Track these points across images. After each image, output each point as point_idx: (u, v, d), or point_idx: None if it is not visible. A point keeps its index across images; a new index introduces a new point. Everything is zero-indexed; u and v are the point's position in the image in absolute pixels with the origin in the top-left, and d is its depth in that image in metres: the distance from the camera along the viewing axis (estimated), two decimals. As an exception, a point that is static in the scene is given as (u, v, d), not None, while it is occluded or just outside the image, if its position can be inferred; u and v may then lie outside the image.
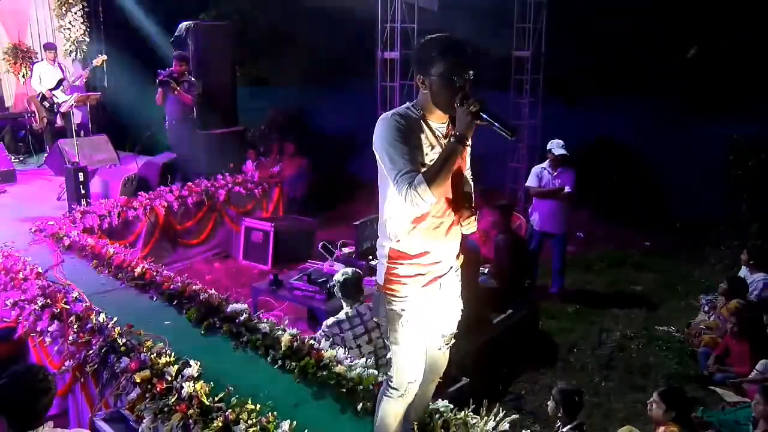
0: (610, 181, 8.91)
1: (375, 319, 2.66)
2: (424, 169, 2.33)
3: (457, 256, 2.64)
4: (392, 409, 2.69)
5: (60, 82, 9.05)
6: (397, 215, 2.47)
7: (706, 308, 6.16)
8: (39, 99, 9.18)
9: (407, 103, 2.48)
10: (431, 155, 2.40)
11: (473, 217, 2.51)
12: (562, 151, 6.53)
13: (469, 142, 2.41)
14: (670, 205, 9.01)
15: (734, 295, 5.68)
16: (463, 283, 2.74)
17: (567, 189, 6.54)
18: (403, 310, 2.51)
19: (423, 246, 2.48)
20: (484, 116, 2.24)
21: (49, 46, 9.39)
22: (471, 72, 2.30)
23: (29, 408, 2.64)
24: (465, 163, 2.59)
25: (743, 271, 6.22)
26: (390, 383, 2.66)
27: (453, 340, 2.74)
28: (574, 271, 7.32)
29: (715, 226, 8.27)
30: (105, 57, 9.19)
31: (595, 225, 8.68)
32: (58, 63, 9.40)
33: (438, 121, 2.44)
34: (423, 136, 2.40)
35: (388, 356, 2.65)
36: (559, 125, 8.58)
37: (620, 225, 8.63)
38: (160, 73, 8.11)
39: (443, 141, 2.44)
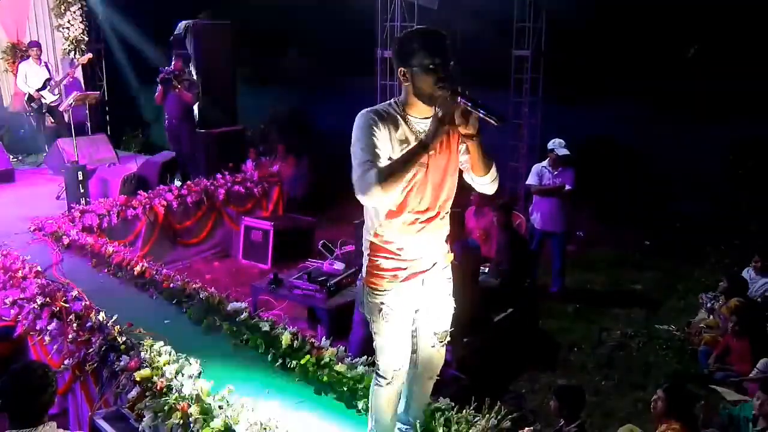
0: (610, 180, 8.90)
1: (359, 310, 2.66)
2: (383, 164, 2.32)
3: (447, 254, 2.62)
4: (384, 395, 2.73)
5: (47, 82, 9.00)
6: (375, 208, 2.48)
7: (708, 305, 6.12)
8: (26, 100, 9.09)
9: (393, 98, 2.49)
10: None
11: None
12: (565, 151, 6.51)
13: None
14: (670, 205, 9.01)
15: (734, 293, 5.67)
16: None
17: (567, 187, 6.54)
18: (383, 303, 2.53)
19: (400, 240, 2.49)
20: (463, 99, 2.23)
21: (34, 45, 9.30)
22: (451, 61, 2.33)
23: (29, 405, 2.63)
24: (450, 165, 2.52)
25: (746, 272, 6.21)
26: (377, 372, 2.70)
27: (447, 338, 2.75)
28: (575, 271, 7.31)
29: (715, 225, 8.27)
30: (91, 55, 9.20)
31: (596, 224, 8.66)
32: (44, 62, 9.34)
33: (420, 116, 2.43)
34: (399, 132, 2.40)
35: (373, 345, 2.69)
36: (559, 124, 8.57)
37: (620, 224, 8.61)
38: (161, 71, 8.11)
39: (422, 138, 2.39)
